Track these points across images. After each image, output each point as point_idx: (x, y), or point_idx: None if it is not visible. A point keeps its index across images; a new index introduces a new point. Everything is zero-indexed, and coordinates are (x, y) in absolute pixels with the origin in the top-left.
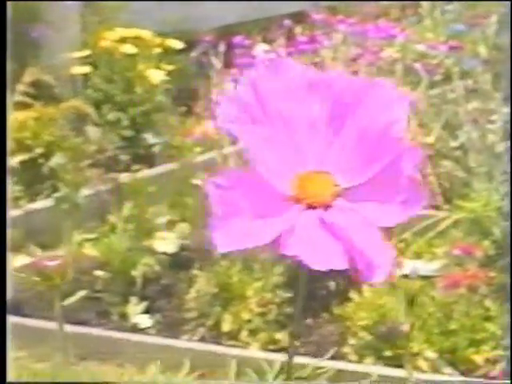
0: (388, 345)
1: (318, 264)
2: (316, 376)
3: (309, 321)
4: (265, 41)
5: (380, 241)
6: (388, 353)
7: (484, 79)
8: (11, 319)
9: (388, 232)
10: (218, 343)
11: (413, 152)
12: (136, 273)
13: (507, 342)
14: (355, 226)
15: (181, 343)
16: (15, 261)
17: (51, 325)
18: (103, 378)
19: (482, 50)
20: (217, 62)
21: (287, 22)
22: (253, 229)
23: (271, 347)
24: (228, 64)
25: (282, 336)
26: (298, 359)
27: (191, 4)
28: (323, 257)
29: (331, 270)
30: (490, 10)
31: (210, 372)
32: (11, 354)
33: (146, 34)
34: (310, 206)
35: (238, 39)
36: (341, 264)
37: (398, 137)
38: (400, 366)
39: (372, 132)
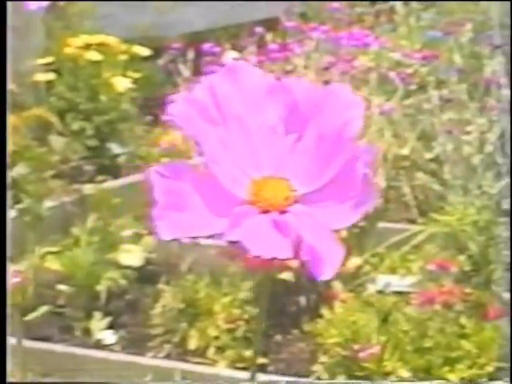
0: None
1: (261, 251)
2: None
3: (278, 337)
4: (235, 48)
5: (331, 242)
6: (359, 372)
7: (459, 89)
8: None
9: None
10: (185, 360)
11: (364, 152)
12: (100, 287)
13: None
14: (307, 227)
15: (146, 360)
16: None
17: (11, 340)
18: None
19: (458, 59)
20: (185, 70)
21: (258, 28)
22: (198, 221)
23: (239, 365)
24: (197, 72)
25: (250, 353)
26: (268, 377)
27: (160, 10)
28: (267, 245)
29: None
30: (465, 18)
31: None
32: None
33: (111, 40)
34: (265, 211)
35: (207, 46)
36: (285, 254)
37: (351, 138)
38: None
39: (328, 137)
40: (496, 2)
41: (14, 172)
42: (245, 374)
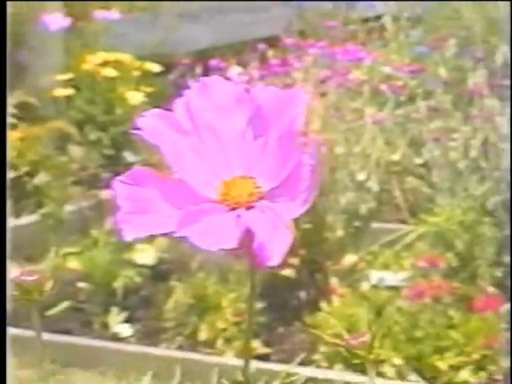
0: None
1: (208, 245)
2: (289, 382)
3: (281, 329)
4: (239, 64)
5: (284, 232)
6: (355, 360)
7: (445, 99)
8: None
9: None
10: (195, 351)
11: (312, 146)
12: (117, 284)
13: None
14: (266, 220)
15: (160, 351)
16: None
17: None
18: None
19: (443, 72)
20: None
21: (260, 45)
22: (162, 222)
23: (245, 356)
24: None
25: (256, 344)
26: (271, 366)
27: (168, 29)
28: (214, 239)
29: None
30: (449, 34)
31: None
32: None
33: (125, 57)
34: (232, 208)
35: (213, 62)
36: (230, 245)
37: (297, 134)
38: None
39: (284, 137)
40: (478, 19)
41: (36, 179)
42: (252, 363)
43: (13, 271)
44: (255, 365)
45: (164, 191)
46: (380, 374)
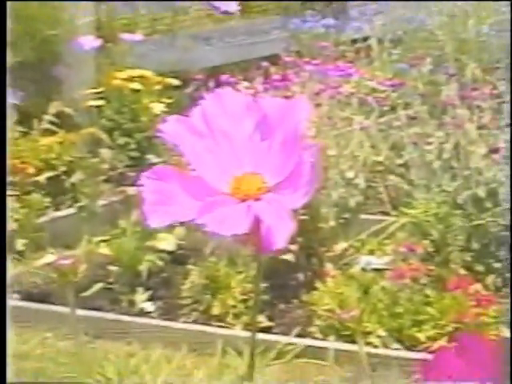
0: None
1: (223, 231)
2: (288, 351)
3: (282, 306)
4: (245, 79)
5: (288, 220)
6: (346, 332)
7: (422, 109)
8: (40, 306)
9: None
10: (209, 325)
11: (311, 148)
12: (141, 267)
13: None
14: (272, 210)
15: (178, 325)
16: (45, 258)
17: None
18: (114, 354)
19: (420, 86)
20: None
21: (264, 63)
22: (184, 211)
23: (252, 328)
24: None
25: (261, 318)
26: (273, 337)
27: (184, 49)
28: (227, 226)
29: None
30: (426, 53)
31: (202, 348)
32: (40, 334)
33: (148, 73)
34: (243, 200)
35: (224, 77)
36: (241, 230)
37: (301, 137)
38: (355, 342)
39: (288, 139)
40: (450, 41)
41: (72, 178)
42: (257, 335)
43: (50, 257)
44: (260, 336)
45: (184, 186)
46: (367, 344)
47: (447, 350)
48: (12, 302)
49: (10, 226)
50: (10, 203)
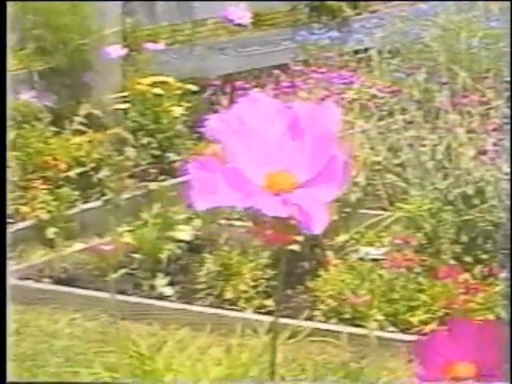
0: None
1: (268, 211)
2: (297, 332)
3: (289, 291)
4: (257, 85)
5: (321, 210)
6: (347, 316)
7: (417, 114)
8: (69, 289)
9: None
10: (222, 308)
11: (341, 152)
12: (162, 255)
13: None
14: (306, 202)
15: (195, 308)
16: (74, 246)
17: (98, 293)
18: (136, 334)
19: (416, 93)
20: (223, 101)
21: (275, 71)
22: (225, 199)
23: (262, 311)
24: (231, 102)
25: (269, 302)
26: (281, 320)
27: (202, 58)
28: (271, 208)
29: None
30: (421, 64)
31: (216, 329)
32: (69, 315)
33: (169, 79)
34: (276, 194)
35: (238, 84)
36: (282, 213)
37: (333, 139)
38: (355, 325)
39: (319, 139)
40: (443, 52)
41: (100, 174)
42: (265, 317)
43: (79, 245)
44: (268, 319)
45: (225, 176)
46: (364, 327)
47: (440, 333)
48: (44, 285)
49: (43, 216)
50: (43, 196)
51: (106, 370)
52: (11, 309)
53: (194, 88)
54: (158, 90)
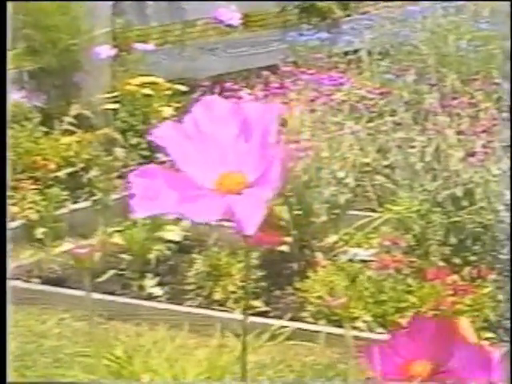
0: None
1: (197, 217)
2: (281, 333)
3: (277, 292)
4: (247, 86)
5: (260, 209)
6: (335, 317)
7: (406, 116)
8: (57, 289)
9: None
10: (211, 309)
11: (280, 146)
12: (151, 256)
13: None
14: (248, 202)
15: (183, 308)
16: (63, 246)
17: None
18: (124, 334)
19: (405, 94)
20: None
21: (263, 72)
22: (169, 205)
23: (250, 312)
24: None
25: (257, 303)
26: (268, 321)
27: (192, 58)
28: (202, 213)
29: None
30: (410, 65)
31: (205, 329)
32: (57, 315)
33: (159, 80)
34: (224, 196)
35: (228, 85)
36: (214, 217)
37: (273, 138)
38: (342, 327)
39: (264, 140)
40: (432, 54)
41: (89, 174)
42: (254, 318)
43: (68, 245)
44: (256, 319)
45: (169, 182)
46: (354, 328)
47: (399, 332)
48: (32, 285)
49: (32, 216)
50: (32, 196)
51: (84, 372)
52: None
53: (184, 88)
54: (147, 91)
